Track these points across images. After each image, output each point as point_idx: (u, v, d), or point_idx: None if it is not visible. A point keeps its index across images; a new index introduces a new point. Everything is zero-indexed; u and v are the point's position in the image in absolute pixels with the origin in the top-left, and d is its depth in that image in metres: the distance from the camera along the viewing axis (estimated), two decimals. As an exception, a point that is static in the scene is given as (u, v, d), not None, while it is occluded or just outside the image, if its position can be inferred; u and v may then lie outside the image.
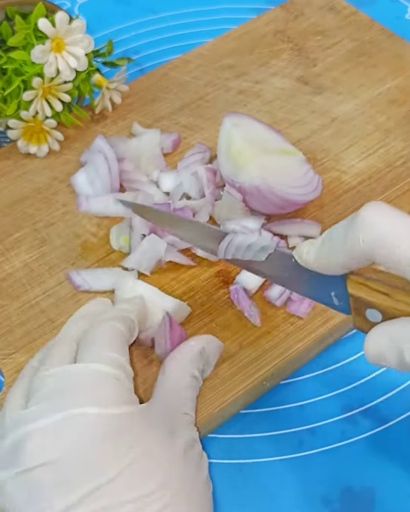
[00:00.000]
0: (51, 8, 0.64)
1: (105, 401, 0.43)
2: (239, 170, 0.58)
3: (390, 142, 0.66)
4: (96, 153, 0.62)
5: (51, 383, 0.44)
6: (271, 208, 0.58)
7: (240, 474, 0.52)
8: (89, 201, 0.62)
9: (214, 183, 0.60)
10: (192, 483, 0.43)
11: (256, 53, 0.74)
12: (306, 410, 0.55)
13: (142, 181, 0.62)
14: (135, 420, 0.43)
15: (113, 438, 0.42)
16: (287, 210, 0.59)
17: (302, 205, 0.59)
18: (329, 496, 0.51)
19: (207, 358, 0.52)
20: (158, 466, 0.42)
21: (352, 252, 0.39)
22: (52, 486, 0.41)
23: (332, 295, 0.44)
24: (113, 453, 0.42)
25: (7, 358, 0.55)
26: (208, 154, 0.64)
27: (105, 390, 0.44)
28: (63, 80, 0.62)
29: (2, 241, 0.62)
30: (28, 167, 0.66)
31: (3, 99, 0.62)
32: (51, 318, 0.57)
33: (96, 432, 0.42)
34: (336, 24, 0.76)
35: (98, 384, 0.44)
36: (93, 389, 0.43)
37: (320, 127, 0.68)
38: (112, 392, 0.44)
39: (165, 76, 0.73)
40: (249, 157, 0.58)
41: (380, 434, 0.54)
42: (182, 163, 0.63)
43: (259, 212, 0.59)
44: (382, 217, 0.38)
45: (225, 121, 0.60)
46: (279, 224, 0.60)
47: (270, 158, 0.59)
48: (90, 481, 0.41)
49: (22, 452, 0.41)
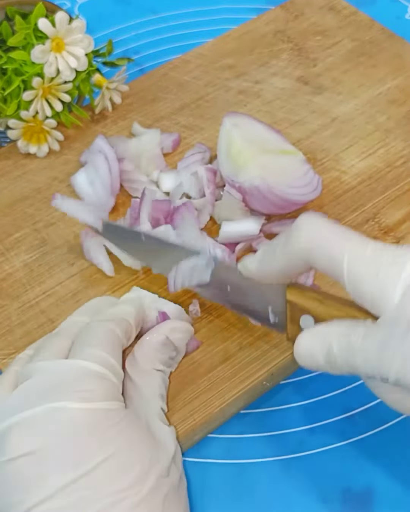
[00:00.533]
0: (51, 8, 0.64)
1: (88, 396, 0.44)
2: (239, 170, 0.58)
3: (390, 142, 0.66)
4: (97, 153, 0.62)
5: (38, 375, 0.45)
6: (271, 208, 0.58)
7: (240, 474, 0.52)
8: (64, 200, 0.59)
9: (214, 183, 0.60)
10: (169, 482, 0.45)
11: (256, 53, 0.74)
12: (306, 410, 0.55)
13: (142, 181, 0.62)
14: (117, 416, 0.44)
15: (93, 432, 0.43)
16: (286, 210, 0.59)
17: (302, 205, 0.59)
18: (329, 496, 0.51)
19: (174, 345, 0.52)
20: (137, 461, 0.43)
21: (290, 255, 0.43)
22: (31, 477, 0.42)
23: (269, 310, 0.48)
24: (92, 446, 0.42)
25: (7, 358, 0.55)
26: (208, 154, 0.64)
27: (89, 386, 0.44)
28: (63, 80, 0.62)
29: (2, 241, 0.62)
30: (28, 167, 0.66)
31: (3, 99, 0.62)
32: (51, 318, 0.57)
33: (75, 426, 0.43)
34: (336, 24, 0.76)
35: (83, 380, 0.45)
36: (76, 385, 0.44)
37: (320, 127, 0.68)
38: (95, 388, 0.44)
39: (165, 76, 0.73)
40: (249, 157, 0.58)
41: (380, 434, 0.54)
42: (182, 163, 0.63)
43: (259, 212, 0.59)
44: (317, 221, 0.42)
45: (224, 121, 0.60)
46: (278, 224, 0.60)
47: (270, 158, 0.59)
48: (67, 473, 0.41)
49: (7, 442, 0.42)
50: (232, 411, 0.54)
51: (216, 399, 0.52)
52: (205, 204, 0.60)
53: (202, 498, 0.51)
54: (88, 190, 0.63)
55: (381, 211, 0.62)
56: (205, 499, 0.51)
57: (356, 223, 0.61)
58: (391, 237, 0.60)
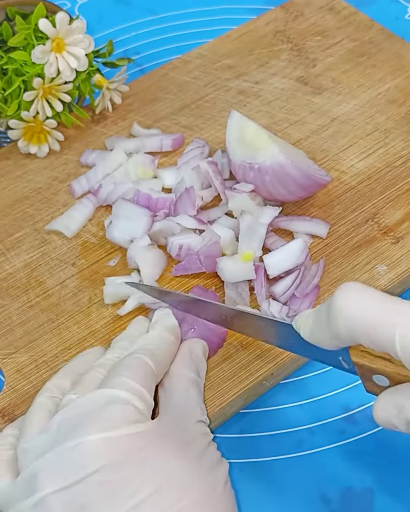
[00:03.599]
0: (51, 8, 0.64)
1: (112, 424, 0.43)
2: (257, 152, 0.58)
3: (390, 142, 0.67)
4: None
5: (67, 411, 0.44)
6: (292, 187, 0.58)
7: (240, 474, 0.52)
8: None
9: (220, 174, 0.61)
10: (212, 490, 0.43)
11: (256, 53, 0.74)
12: (306, 410, 0.55)
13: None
14: (146, 438, 0.43)
15: (124, 460, 0.42)
16: (304, 193, 0.59)
17: (320, 187, 0.60)
18: (329, 496, 0.51)
19: (197, 358, 0.51)
20: (173, 481, 0.42)
21: (337, 337, 0.41)
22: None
23: (340, 359, 0.44)
24: (125, 475, 0.41)
25: (7, 358, 0.55)
26: (207, 148, 0.65)
27: (113, 413, 0.43)
28: (63, 80, 0.62)
29: (3, 241, 0.62)
30: (29, 167, 0.66)
31: (4, 99, 0.62)
32: (51, 318, 0.57)
33: (103, 457, 0.41)
34: (336, 24, 0.76)
35: (107, 409, 0.43)
36: (101, 415, 0.43)
37: (319, 127, 0.68)
38: (119, 413, 0.43)
39: (165, 76, 0.73)
40: (268, 138, 0.58)
41: (380, 434, 0.54)
42: (182, 159, 0.63)
43: (273, 199, 0.59)
44: (356, 303, 0.39)
45: (232, 114, 0.60)
46: (287, 220, 0.60)
47: (284, 144, 0.60)
48: (102, 508, 0.40)
49: (36, 482, 0.41)
50: (232, 411, 0.54)
51: (216, 399, 0.52)
52: (213, 193, 0.60)
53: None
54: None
55: (380, 211, 0.62)
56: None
57: (356, 223, 0.61)
58: (390, 237, 0.60)
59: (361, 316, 0.39)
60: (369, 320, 0.39)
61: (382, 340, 0.39)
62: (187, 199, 0.59)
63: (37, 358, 0.55)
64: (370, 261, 0.59)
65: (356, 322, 0.39)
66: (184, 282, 0.58)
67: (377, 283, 0.58)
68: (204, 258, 0.56)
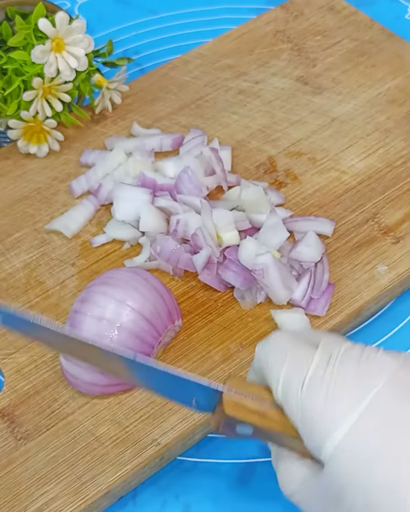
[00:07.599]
0: (51, 8, 0.64)
1: None
2: None
3: (390, 142, 0.67)
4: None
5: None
6: None
7: (240, 474, 0.52)
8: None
9: (221, 161, 0.61)
10: None
11: (256, 53, 0.74)
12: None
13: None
14: None
15: None
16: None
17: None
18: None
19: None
20: None
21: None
22: None
23: (193, 400, 0.43)
24: None
25: (7, 358, 0.55)
26: (205, 137, 0.65)
27: None
28: (63, 80, 0.62)
29: (2, 241, 0.62)
30: (28, 167, 0.66)
31: (4, 99, 0.62)
32: (51, 318, 0.57)
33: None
34: (336, 24, 0.76)
35: None
36: None
37: (319, 127, 0.68)
38: None
39: (165, 76, 0.73)
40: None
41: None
42: (184, 148, 0.64)
43: None
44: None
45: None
46: (291, 221, 0.60)
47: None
48: None
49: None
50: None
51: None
52: (217, 180, 0.61)
53: (202, 497, 0.51)
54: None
55: (380, 211, 0.62)
56: (204, 498, 0.51)
57: (356, 223, 0.61)
58: (390, 237, 0.60)
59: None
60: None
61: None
62: (190, 183, 0.59)
63: (37, 358, 0.55)
64: (371, 261, 0.59)
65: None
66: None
67: (377, 283, 0.58)
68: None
